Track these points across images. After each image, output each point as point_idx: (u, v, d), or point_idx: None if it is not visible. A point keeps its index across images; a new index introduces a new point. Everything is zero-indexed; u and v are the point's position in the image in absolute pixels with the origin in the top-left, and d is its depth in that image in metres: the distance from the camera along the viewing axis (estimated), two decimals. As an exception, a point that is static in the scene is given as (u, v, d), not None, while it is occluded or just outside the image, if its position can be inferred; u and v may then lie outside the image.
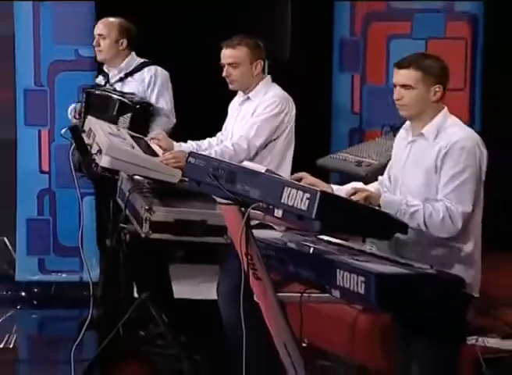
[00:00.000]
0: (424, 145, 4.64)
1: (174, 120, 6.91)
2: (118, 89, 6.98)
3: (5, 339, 7.49)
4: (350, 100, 8.35)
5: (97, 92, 6.84)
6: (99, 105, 6.61)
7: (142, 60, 7.21)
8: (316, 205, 4.00)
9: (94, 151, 5.93)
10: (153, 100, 6.92)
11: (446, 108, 4.70)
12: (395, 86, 4.67)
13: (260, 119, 5.86)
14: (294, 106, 6.00)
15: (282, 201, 4.17)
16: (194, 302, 7.45)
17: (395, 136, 6.16)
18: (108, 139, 5.78)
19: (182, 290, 7.45)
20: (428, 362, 4.53)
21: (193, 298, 7.54)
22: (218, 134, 6.17)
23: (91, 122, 6.22)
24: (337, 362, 6.27)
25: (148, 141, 6.16)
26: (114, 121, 6.51)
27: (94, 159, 5.93)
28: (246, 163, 5.24)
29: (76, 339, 6.06)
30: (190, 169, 4.87)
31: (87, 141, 6.13)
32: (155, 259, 6.77)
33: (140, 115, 6.68)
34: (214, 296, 5.88)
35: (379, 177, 5.09)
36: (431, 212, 4.40)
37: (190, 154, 4.99)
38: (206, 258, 7.64)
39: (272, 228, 5.11)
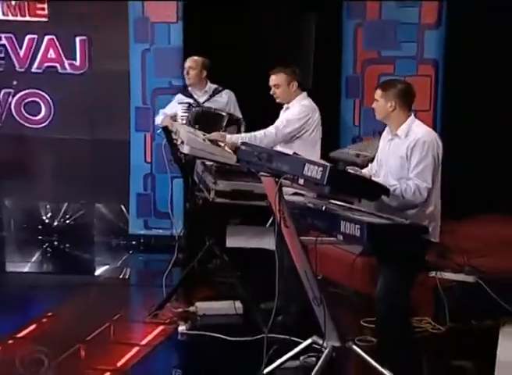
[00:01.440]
0: (398, 142, 4.65)
1: None
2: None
3: (123, 272, 7.74)
4: (352, 117, 8.21)
5: (205, 109, 6.66)
6: (208, 118, 6.41)
7: (215, 85, 7.12)
8: (327, 175, 4.03)
9: (178, 143, 5.88)
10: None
11: (412, 115, 4.71)
12: None
13: (290, 117, 5.81)
14: (318, 114, 5.95)
15: (304, 173, 4.21)
16: (248, 249, 7.46)
17: (381, 138, 6.20)
18: (188, 135, 5.74)
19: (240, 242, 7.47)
20: (391, 280, 4.53)
21: (247, 247, 7.52)
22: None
23: (176, 124, 6.22)
24: (342, 289, 6.28)
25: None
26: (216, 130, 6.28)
27: (179, 149, 5.90)
28: (280, 149, 5.28)
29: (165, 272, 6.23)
30: (242, 154, 4.86)
31: (174, 137, 6.09)
32: (218, 217, 6.66)
33: (240, 125, 6.55)
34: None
35: (369, 164, 5.08)
36: (405, 188, 4.43)
37: (242, 143, 5.03)
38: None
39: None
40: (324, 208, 4.47)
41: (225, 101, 7.05)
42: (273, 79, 5.86)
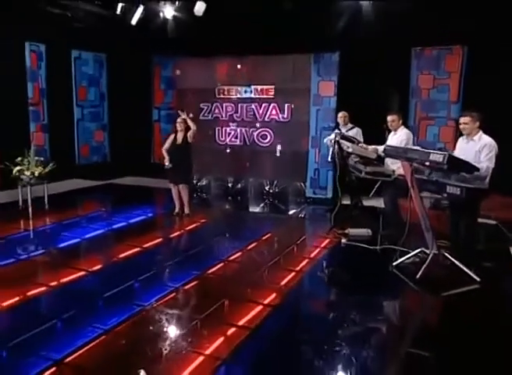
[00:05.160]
0: (473, 143, 3.98)
1: None
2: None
3: (303, 214, 6.92)
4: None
5: (344, 135, 5.75)
6: (347, 140, 5.56)
7: (351, 125, 6.38)
8: (446, 158, 3.45)
9: (344, 148, 5.27)
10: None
11: (481, 130, 3.97)
12: (460, 123, 4.06)
13: (404, 137, 5.01)
14: (412, 135, 5.19)
15: (429, 158, 3.61)
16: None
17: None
18: (351, 144, 5.21)
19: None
20: (467, 222, 3.97)
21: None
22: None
23: (344, 142, 5.44)
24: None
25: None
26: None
27: (345, 150, 5.31)
28: (410, 146, 4.57)
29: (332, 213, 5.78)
30: (387, 151, 4.34)
31: (342, 146, 5.38)
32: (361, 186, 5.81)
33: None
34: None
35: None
36: (482, 167, 3.75)
37: (386, 146, 4.40)
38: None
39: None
40: (435, 179, 3.88)
41: (355, 132, 6.36)
42: (389, 118, 5.19)
